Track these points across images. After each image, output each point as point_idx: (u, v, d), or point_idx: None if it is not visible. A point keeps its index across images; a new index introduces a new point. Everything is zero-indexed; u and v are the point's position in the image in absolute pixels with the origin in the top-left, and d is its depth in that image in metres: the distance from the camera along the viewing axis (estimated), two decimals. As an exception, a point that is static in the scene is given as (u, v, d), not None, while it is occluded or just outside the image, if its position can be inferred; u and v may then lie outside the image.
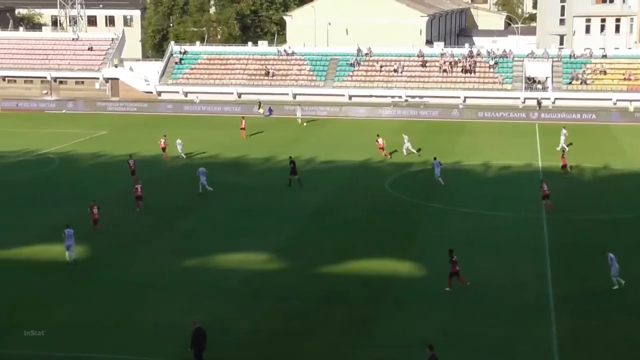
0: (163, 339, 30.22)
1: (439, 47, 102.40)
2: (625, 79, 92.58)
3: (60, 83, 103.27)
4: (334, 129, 79.65)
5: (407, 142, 65.53)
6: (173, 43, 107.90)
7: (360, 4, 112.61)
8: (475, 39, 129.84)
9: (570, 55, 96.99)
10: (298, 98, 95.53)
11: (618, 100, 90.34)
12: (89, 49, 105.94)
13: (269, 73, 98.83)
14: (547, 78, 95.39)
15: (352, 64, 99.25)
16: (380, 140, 64.84)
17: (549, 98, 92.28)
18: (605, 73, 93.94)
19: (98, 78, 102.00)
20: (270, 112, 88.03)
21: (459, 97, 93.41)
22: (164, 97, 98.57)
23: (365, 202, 50.90)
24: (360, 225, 45.48)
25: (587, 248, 40.51)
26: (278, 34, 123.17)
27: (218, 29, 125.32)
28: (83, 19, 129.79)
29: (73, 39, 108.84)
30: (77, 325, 31.62)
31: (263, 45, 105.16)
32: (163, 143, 64.53)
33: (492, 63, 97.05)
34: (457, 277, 35.34)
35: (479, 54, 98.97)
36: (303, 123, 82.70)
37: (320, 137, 74.96)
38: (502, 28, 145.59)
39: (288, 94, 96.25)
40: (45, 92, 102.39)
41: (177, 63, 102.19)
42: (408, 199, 51.25)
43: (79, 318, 32.39)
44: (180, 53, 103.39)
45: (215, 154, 65.85)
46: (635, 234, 43.71)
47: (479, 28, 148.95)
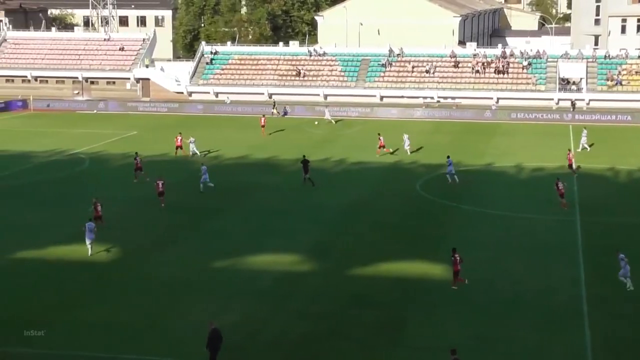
0: (193, 341, 30.25)
1: (472, 47, 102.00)
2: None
3: (92, 83, 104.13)
4: (365, 130, 79.53)
5: (407, 140, 66.51)
6: (204, 43, 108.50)
7: (393, 4, 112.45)
8: (509, 40, 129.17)
9: (605, 56, 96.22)
10: (329, 99, 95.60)
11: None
12: (121, 49, 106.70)
13: (300, 73, 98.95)
14: (581, 79, 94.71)
15: (383, 65, 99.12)
16: (382, 139, 65.86)
17: (584, 99, 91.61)
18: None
19: (129, 78, 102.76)
20: (286, 112, 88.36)
21: (492, 98, 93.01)
22: (195, 97, 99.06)
23: (396, 203, 50.80)
24: (391, 227, 45.39)
25: (622, 252, 40.04)
26: (309, 34, 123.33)
27: (249, 29, 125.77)
28: (114, 19, 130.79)
29: (104, 39, 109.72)
30: (106, 326, 31.81)
31: (294, 46, 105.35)
32: (179, 141, 65.25)
33: (525, 64, 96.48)
34: (456, 276, 35.62)
35: (512, 55, 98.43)
36: (332, 121, 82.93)
37: (351, 138, 74.91)
38: (535, 28, 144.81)
39: (319, 95, 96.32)
40: (77, 92, 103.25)
41: (208, 63, 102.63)
42: (439, 201, 51.07)
43: (109, 319, 32.57)
44: (212, 53, 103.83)
45: (245, 155, 66.01)
46: (672, 238, 43.22)
47: (512, 28, 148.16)
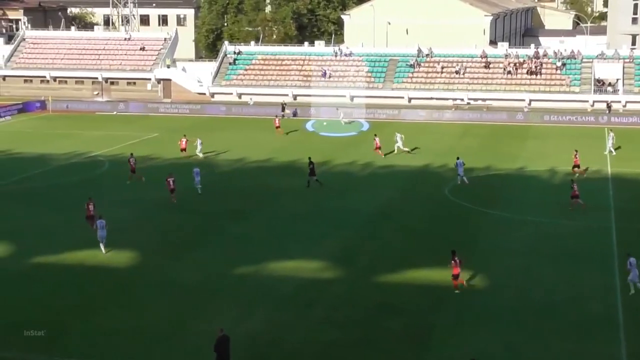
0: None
1: (504, 47, 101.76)
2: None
3: (112, 84, 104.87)
4: (393, 133, 79.38)
5: (399, 140, 67.15)
6: (227, 43, 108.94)
7: (421, 3, 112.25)
8: (542, 39, 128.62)
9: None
10: (356, 100, 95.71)
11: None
12: (141, 49, 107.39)
13: (326, 74, 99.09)
14: (617, 80, 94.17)
15: (412, 65, 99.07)
16: (377, 140, 66.47)
17: (620, 101, 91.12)
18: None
19: (150, 79, 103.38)
20: (295, 114, 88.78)
21: (524, 99, 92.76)
22: (217, 98, 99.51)
23: (424, 208, 50.78)
24: (419, 233, 45.38)
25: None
26: (335, 34, 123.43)
27: (274, 29, 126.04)
28: (135, 18, 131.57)
29: (125, 39, 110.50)
30: (125, 333, 32.02)
31: (320, 46, 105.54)
32: (184, 143, 65.68)
33: (559, 64, 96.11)
34: (455, 278, 35.94)
35: (546, 55, 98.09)
36: (344, 121, 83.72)
37: (379, 140, 74.86)
38: (570, 28, 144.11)
39: (345, 96, 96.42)
40: (97, 93, 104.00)
41: (231, 64, 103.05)
42: (469, 206, 50.97)
43: (128, 325, 32.78)
44: (235, 53, 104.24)
45: (269, 157, 66.20)
46: None
47: (546, 28, 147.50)
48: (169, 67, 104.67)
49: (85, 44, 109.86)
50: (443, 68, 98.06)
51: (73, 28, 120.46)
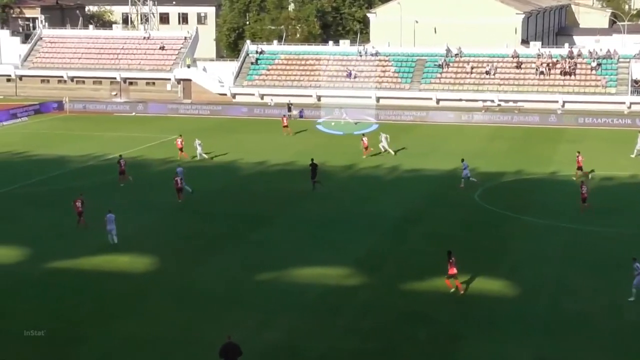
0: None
1: (536, 47, 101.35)
2: None
3: (130, 84, 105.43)
4: (420, 135, 79.41)
5: (384, 140, 68.31)
6: (249, 42, 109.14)
7: (450, 0, 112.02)
8: (576, 38, 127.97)
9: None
10: (382, 102, 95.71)
11: None
12: (161, 48, 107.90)
13: (351, 75, 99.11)
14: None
15: (440, 66, 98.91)
16: (365, 140, 67.62)
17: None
18: None
19: (170, 79, 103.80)
20: (302, 114, 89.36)
21: (557, 101, 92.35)
22: (239, 99, 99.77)
23: (453, 213, 50.63)
24: (447, 238, 45.14)
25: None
26: (361, 33, 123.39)
27: (297, 27, 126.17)
28: (155, 17, 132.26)
29: (144, 38, 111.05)
30: (143, 340, 32.14)
31: (345, 45, 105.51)
32: (180, 143, 66.49)
33: (594, 65, 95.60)
34: (453, 278, 36.51)
35: (580, 55, 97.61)
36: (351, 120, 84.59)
37: (405, 143, 74.70)
38: (606, 26, 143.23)
39: (371, 97, 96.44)
40: (115, 93, 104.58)
41: (253, 63, 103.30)
42: (499, 211, 50.78)
43: (146, 332, 32.90)
44: (257, 53, 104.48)
45: (292, 161, 66.19)
46: None
47: (581, 26, 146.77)
48: (189, 66, 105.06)
49: (104, 43, 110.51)
50: (473, 68, 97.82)
51: (91, 27, 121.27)
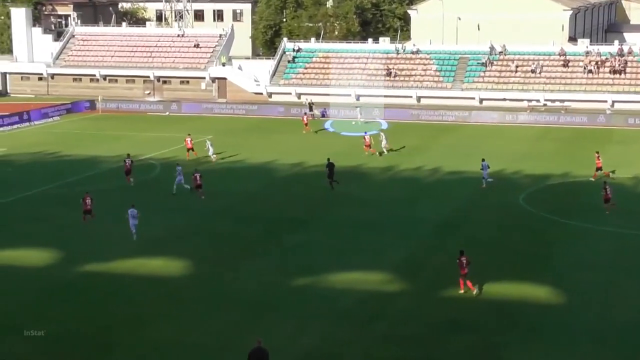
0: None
1: (584, 44, 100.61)
2: None
3: (164, 83, 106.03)
4: (462, 136, 79.14)
5: (384, 139, 69.50)
6: (286, 40, 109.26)
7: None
8: (627, 35, 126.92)
9: None
10: (423, 101, 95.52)
11: None
12: (195, 46, 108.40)
13: (391, 73, 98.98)
14: None
15: (484, 64, 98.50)
16: (367, 138, 68.41)
17: None
18: None
19: (204, 78, 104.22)
20: (324, 114, 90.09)
21: (606, 101, 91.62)
22: (275, 99, 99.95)
23: (497, 217, 50.42)
24: (490, 244, 45.04)
25: None
26: (401, 30, 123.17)
27: (335, 25, 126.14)
28: (189, 14, 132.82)
29: (178, 35, 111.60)
30: (175, 346, 32.32)
31: (385, 43, 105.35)
32: (189, 143, 66.69)
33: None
34: (464, 278, 36.94)
35: (631, 53, 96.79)
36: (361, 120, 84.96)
37: (447, 144, 74.59)
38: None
39: (412, 97, 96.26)
40: (148, 92, 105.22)
41: (290, 62, 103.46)
42: (545, 215, 50.48)
43: (179, 338, 33.06)
44: (294, 51, 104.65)
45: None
46: None
47: (631, 23, 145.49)
48: (224, 65, 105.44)
49: (137, 41, 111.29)
50: (517, 67, 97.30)
51: (124, 24, 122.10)
